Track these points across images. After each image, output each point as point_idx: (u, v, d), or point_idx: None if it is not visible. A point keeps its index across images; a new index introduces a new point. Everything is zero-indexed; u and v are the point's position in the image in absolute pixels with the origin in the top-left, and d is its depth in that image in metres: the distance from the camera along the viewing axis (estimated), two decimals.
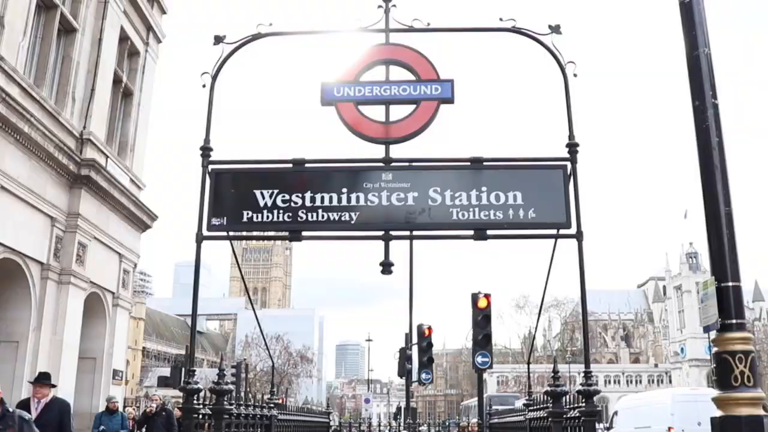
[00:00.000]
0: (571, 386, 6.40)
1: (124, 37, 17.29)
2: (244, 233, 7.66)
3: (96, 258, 15.77)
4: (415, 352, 22.71)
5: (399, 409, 41.00)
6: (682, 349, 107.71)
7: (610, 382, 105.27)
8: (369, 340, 67.48)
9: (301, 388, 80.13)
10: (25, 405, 8.27)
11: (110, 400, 13.59)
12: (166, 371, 54.76)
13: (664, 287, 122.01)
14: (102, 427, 13.06)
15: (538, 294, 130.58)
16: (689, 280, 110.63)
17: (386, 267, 6.57)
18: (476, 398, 56.87)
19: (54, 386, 8.79)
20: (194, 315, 6.55)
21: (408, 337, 23.79)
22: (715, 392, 4.87)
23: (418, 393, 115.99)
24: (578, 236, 6.25)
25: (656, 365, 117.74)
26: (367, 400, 52.00)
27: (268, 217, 6.43)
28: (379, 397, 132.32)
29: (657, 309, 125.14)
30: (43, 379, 8.62)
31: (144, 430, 13.84)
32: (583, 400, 5.72)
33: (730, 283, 4.94)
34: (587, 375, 5.89)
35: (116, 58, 16.85)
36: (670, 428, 24.73)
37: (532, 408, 7.66)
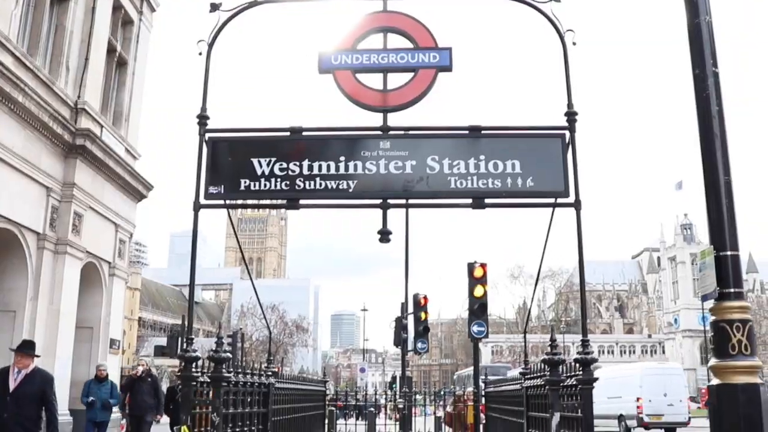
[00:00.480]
0: (565, 356, 6.43)
1: (117, 6, 17.10)
2: (242, 201, 7.66)
3: (92, 228, 15.75)
4: (410, 322, 22.79)
5: (394, 378, 41.22)
6: (675, 319, 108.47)
7: (603, 352, 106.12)
8: (364, 309, 67.78)
9: (296, 357, 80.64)
10: (3, 374, 7.72)
11: (99, 368, 13.38)
12: (162, 341, 55.05)
13: (659, 258, 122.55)
14: (91, 398, 12.85)
15: (533, 264, 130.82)
16: (683, 251, 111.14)
17: (384, 235, 6.56)
18: (468, 368, 57.34)
19: (37, 356, 8.15)
20: (192, 282, 6.54)
21: (404, 307, 23.88)
22: (712, 361, 4.87)
23: (413, 362, 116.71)
24: (576, 205, 6.24)
25: (650, 336, 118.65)
26: (362, 370, 52.34)
27: (265, 185, 6.40)
28: (375, 366, 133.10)
29: (651, 280, 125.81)
30: (25, 348, 7.88)
31: (129, 395, 13.65)
32: (580, 368, 5.75)
33: (729, 252, 4.94)
34: (584, 343, 5.91)
35: (110, 27, 16.68)
36: (638, 398, 27.83)
37: (528, 376, 7.70)
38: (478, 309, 14.81)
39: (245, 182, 6.43)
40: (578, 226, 6.20)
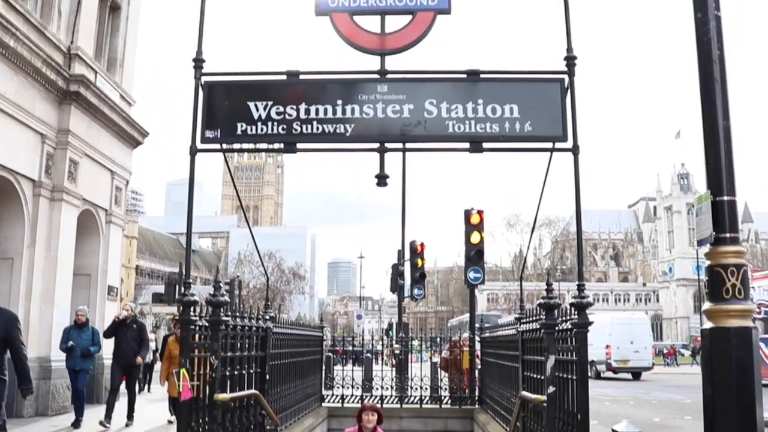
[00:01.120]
0: (561, 303, 6.48)
1: None
2: (238, 146, 7.62)
3: (88, 175, 15.71)
4: (407, 269, 22.93)
5: (391, 325, 41.64)
6: (670, 268, 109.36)
7: (598, 300, 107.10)
8: (361, 257, 68.27)
9: (293, 304, 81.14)
10: None
11: (78, 312, 12.55)
12: (159, 289, 55.49)
13: (655, 208, 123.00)
14: (70, 343, 12.07)
15: (530, 212, 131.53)
16: (680, 200, 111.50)
17: (381, 179, 6.55)
18: (461, 316, 57.78)
19: None
20: (189, 225, 6.54)
21: (400, 254, 24.02)
22: (706, 305, 4.91)
23: (409, 309, 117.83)
24: (574, 150, 6.22)
25: (644, 284, 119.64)
26: (359, 317, 52.84)
27: (262, 129, 6.36)
28: (371, 313, 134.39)
29: (647, 229, 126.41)
30: None
31: (113, 340, 12.77)
32: (576, 313, 5.80)
33: (726, 197, 4.93)
34: (580, 287, 5.94)
35: None
36: (607, 345, 30.94)
37: (524, 321, 7.77)
38: (475, 255, 14.89)
39: (242, 126, 6.38)
40: (576, 172, 6.19)
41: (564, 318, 6.11)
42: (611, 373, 31.88)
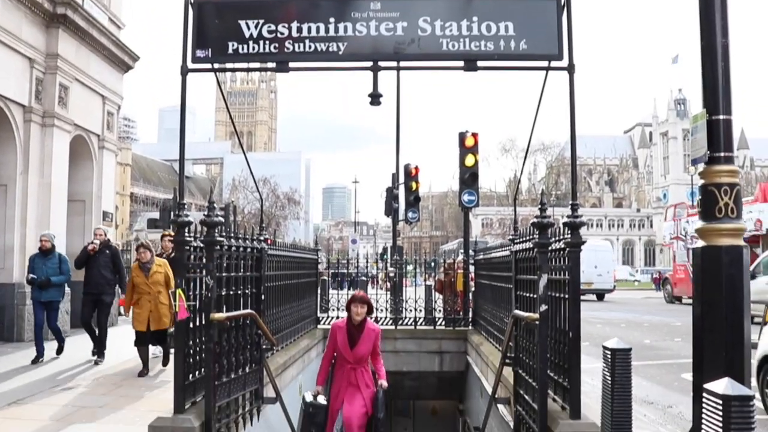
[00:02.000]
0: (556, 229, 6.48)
1: None
2: (230, 66, 7.52)
3: (78, 100, 15.58)
4: (402, 192, 22.95)
5: (385, 249, 41.96)
6: (664, 194, 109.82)
7: (592, 225, 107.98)
8: (356, 182, 68.32)
9: (288, 230, 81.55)
10: None
11: (42, 238, 11.29)
12: (154, 215, 55.56)
13: (651, 133, 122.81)
14: (30, 276, 10.94)
15: (525, 137, 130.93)
16: (676, 126, 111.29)
17: (375, 99, 6.49)
18: (452, 242, 58.02)
19: None
20: (182, 142, 6.49)
21: (395, 177, 23.99)
22: (699, 224, 4.93)
23: (404, 234, 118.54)
24: (570, 69, 6.14)
25: (638, 210, 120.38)
26: (353, 241, 53.33)
27: (253, 48, 6.25)
28: (366, 238, 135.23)
29: (642, 155, 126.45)
30: None
31: (85, 270, 11.43)
32: (569, 232, 5.82)
33: (721, 116, 4.91)
34: (573, 207, 5.96)
35: None
36: None
37: (518, 241, 7.80)
38: (469, 178, 14.87)
39: (233, 45, 6.27)
40: (571, 91, 6.12)
41: (557, 238, 6.14)
42: None
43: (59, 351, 11.35)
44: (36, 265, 11.00)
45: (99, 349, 11.12)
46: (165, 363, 10.28)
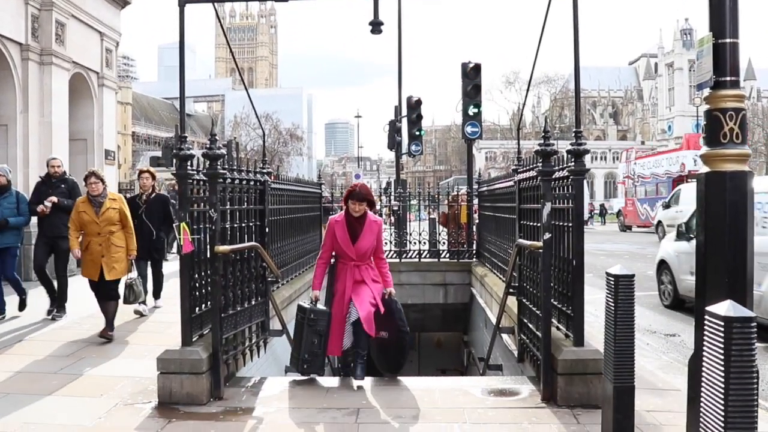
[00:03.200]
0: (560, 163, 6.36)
1: None
2: None
3: (76, 37, 15.41)
4: (404, 125, 22.77)
5: (389, 184, 41.93)
6: (669, 126, 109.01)
7: (596, 158, 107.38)
8: (358, 116, 67.74)
9: (291, 166, 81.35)
10: None
11: None
12: (157, 154, 55.45)
13: (656, 64, 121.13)
14: None
15: (529, 68, 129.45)
16: (682, 57, 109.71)
17: (375, 27, 6.38)
18: (450, 178, 57.73)
19: None
20: (182, 74, 6.43)
21: (397, 110, 23.78)
22: (703, 149, 4.88)
23: (407, 168, 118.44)
24: None
25: (643, 142, 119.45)
26: (357, 176, 53.28)
27: None
28: (369, 173, 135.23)
29: (647, 86, 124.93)
30: None
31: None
32: (573, 159, 5.77)
33: (728, 40, 4.79)
34: (577, 135, 5.90)
35: None
36: None
37: (521, 170, 7.76)
38: (472, 108, 14.75)
39: None
40: (575, 15, 6.01)
41: (561, 166, 6.09)
42: None
43: (22, 306, 9.74)
44: None
45: (59, 302, 9.65)
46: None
